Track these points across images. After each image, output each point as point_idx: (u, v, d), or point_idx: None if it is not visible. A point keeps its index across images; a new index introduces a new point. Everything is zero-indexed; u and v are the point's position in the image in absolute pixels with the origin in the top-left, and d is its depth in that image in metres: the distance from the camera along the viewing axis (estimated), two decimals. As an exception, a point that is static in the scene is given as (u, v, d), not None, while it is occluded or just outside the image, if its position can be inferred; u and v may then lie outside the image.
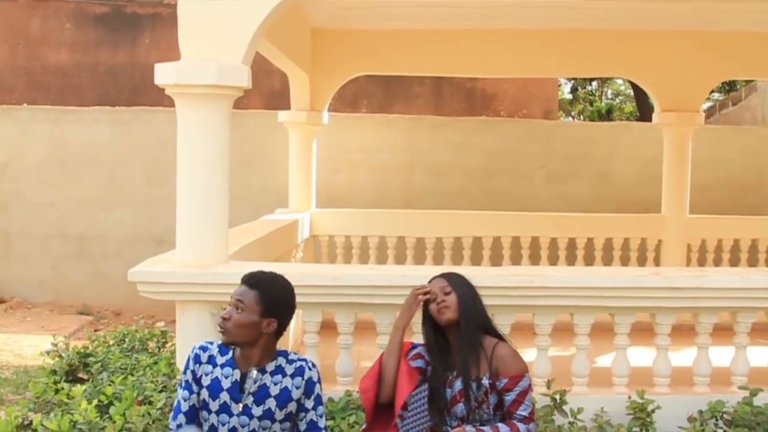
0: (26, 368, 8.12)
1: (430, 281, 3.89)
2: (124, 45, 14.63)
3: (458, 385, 3.66)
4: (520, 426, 3.56)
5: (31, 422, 4.89)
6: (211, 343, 3.44)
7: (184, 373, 3.39)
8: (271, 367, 3.35)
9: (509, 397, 3.60)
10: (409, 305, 3.92)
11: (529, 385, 3.66)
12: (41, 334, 9.59)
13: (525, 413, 3.60)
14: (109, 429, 4.73)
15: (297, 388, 3.33)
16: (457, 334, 3.72)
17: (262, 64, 8.66)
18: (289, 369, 3.35)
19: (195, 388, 3.34)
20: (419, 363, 3.83)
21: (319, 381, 3.40)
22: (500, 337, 3.77)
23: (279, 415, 3.30)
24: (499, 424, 3.57)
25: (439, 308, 3.74)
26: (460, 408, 3.65)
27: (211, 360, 3.37)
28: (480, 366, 3.64)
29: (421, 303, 3.85)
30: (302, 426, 3.34)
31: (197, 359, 3.38)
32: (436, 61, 9.23)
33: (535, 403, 3.66)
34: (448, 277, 3.86)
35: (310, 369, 3.38)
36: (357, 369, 5.24)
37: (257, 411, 3.28)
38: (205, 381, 3.33)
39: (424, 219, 9.65)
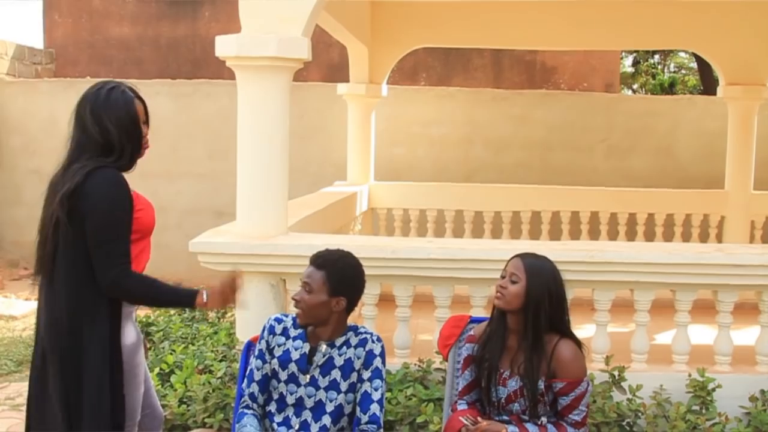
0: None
1: (509, 260, 3.51)
2: (185, 18, 14.74)
3: (513, 384, 3.42)
4: (570, 430, 3.37)
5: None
6: (286, 316, 3.53)
7: (259, 342, 3.49)
8: (339, 341, 3.39)
9: (564, 401, 3.38)
10: None
11: (587, 389, 3.42)
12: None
13: (578, 418, 3.38)
14: (170, 397, 4.83)
15: (358, 358, 3.37)
16: (518, 329, 3.44)
17: (321, 36, 8.66)
18: (354, 341, 3.40)
19: (267, 357, 3.44)
20: (468, 349, 3.59)
21: (381, 355, 3.40)
22: (565, 333, 3.46)
23: (343, 386, 3.35)
24: (548, 425, 3.39)
25: (496, 293, 3.46)
26: (515, 406, 3.44)
27: (284, 332, 3.45)
28: (538, 367, 3.39)
29: None
30: (357, 397, 3.37)
31: (272, 330, 3.47)
32: (496, 34, 9.16)
33: (589, 408, 3.47)
34: (526, 261, 3.46)
35: (373, 342, 3.40)
36: (414, 342, 5.26)
37: (323, 382, 3.34)
38: (277, 352, 3.42)
39: (483, 192, 9.60)
